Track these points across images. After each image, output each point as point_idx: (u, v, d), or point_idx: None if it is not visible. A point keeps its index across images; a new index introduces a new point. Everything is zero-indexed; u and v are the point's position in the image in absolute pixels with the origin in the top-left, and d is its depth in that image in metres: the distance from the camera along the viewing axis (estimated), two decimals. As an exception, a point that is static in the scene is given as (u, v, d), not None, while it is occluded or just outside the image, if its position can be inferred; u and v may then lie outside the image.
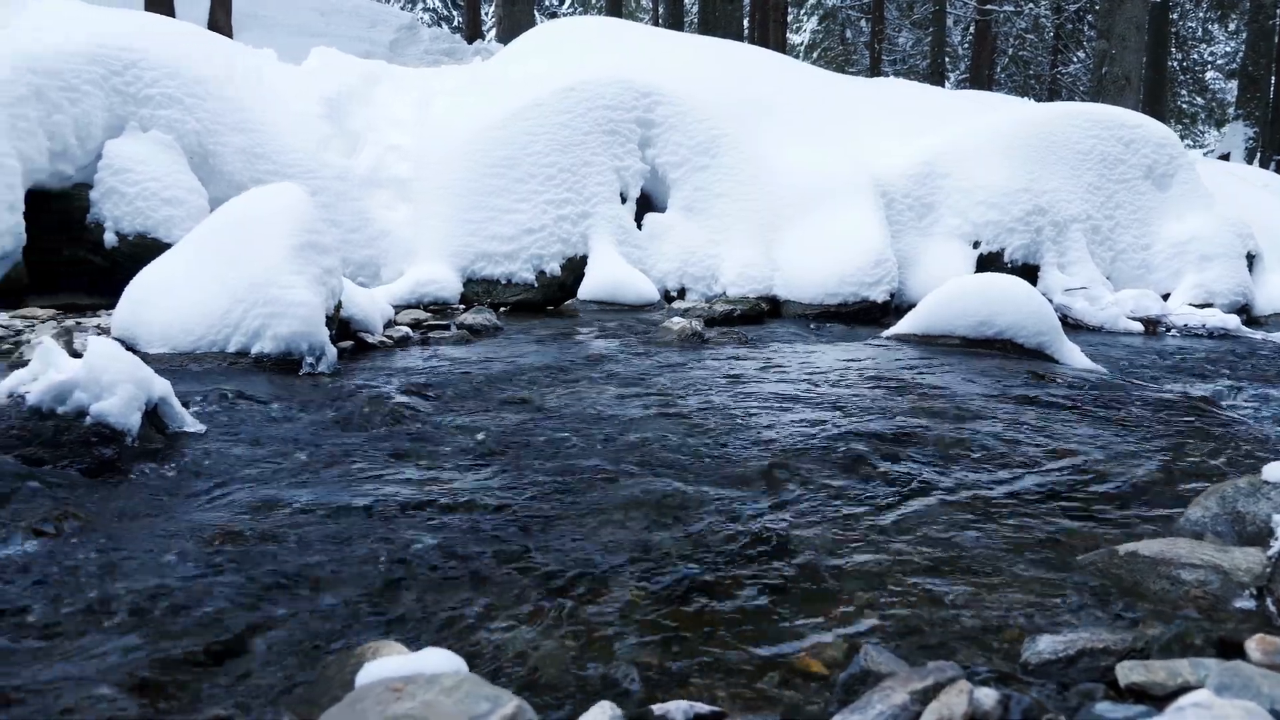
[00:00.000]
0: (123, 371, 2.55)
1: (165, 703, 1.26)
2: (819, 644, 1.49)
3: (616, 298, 6.48)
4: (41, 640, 1.46)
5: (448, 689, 0.96)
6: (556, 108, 7.07)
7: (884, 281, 6.43)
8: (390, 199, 7.36)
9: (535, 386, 3.55)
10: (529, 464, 2.47)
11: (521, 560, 1.79)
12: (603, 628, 1.51)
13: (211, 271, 3.89)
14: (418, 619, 1.53)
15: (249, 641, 1.45)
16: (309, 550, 1.83)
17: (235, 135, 6.92)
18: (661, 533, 1.96)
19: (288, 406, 3.09)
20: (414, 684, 0.97)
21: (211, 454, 2.51)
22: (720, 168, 7.21)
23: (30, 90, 6.01)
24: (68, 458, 2.38)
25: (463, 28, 28.08)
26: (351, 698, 0.98)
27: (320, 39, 15.21)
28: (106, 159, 6.29)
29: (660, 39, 9.17)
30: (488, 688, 0.98)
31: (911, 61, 27.44)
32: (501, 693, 0.97)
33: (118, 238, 6.19)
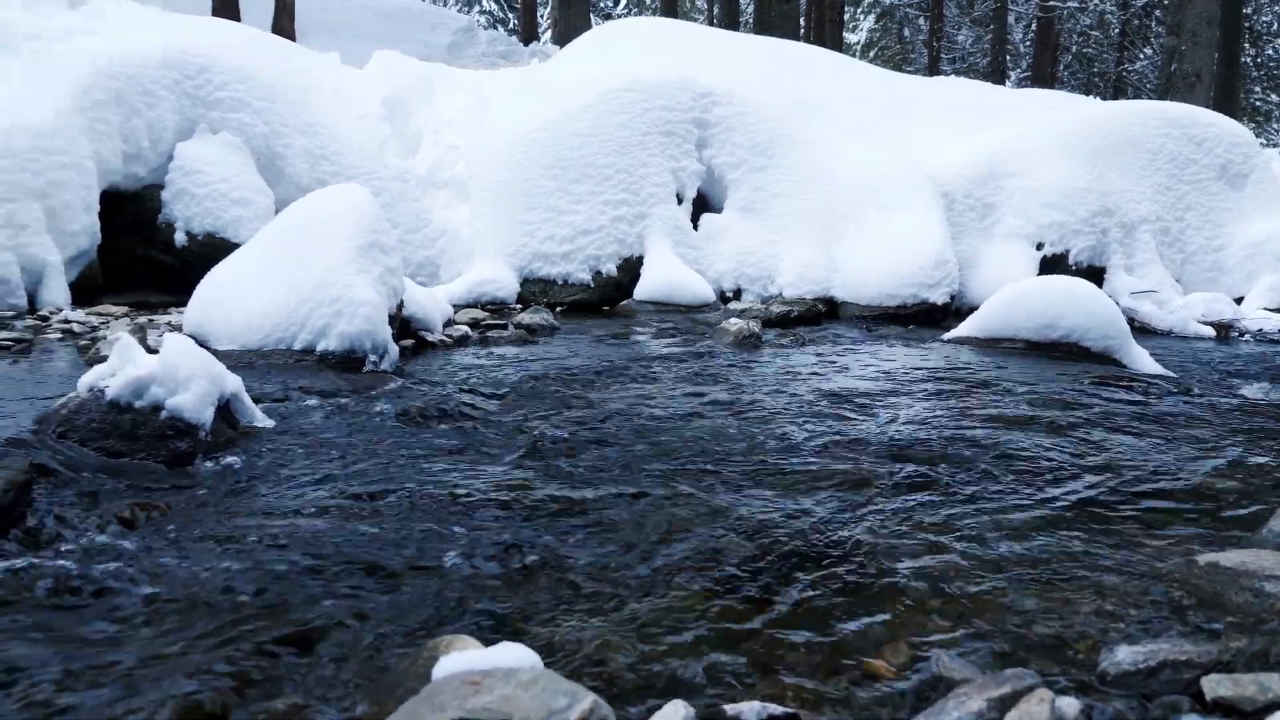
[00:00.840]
0: (197, 367, 2.62)
1: (247, 689, 1.29)
2: (887, 648, 1.47)
3: (672, 298, 6.48)
4: (126, 626, 1.51)
5: (525, 683, 0.97)
6: (613, 108, 7.10)
7: (944, 283, 6.33)
8: (449, 199, 7.46)
9: (594, 386, 3.57)
10: (591, 463, 2.49)
11: (587, 557, 1.80)
12: (669, 626, 1.51)
13: (278, 271, 3.98)
14: (487, 614, 1.55)
15: (324, 632, 1.48)
16: (379, 544, 1.86)
17: (300, 137, 7.08)
18: (724, 533, 1.96)
19: (353, 403, 3.14)
20: (491, 678, 0.99)
21: (281, 449, 2.56)
22: (778, 168, 7.17)
23: (110, 95, 6.21)
24: (144, 450, 2.45)
25: (518, 30, 28.35)
26: (430, 690, 0.99)
27: (381, 42, 15.47)
28: (178, 160, 6.48)
29: (717, 39, 9.16)
30: (564, 683, 0.99)
31: (971, 60, 26.98)
32: (578, 688, 0.98)
33: (188, 237, 6.37)
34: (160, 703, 1.20)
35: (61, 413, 2.53)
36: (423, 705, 0.94)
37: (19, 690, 1.31)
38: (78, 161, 5.95)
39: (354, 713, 1.23)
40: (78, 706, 1.26)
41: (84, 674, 1.35)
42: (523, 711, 0.91)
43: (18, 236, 5.58)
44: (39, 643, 1.45)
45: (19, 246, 5.58)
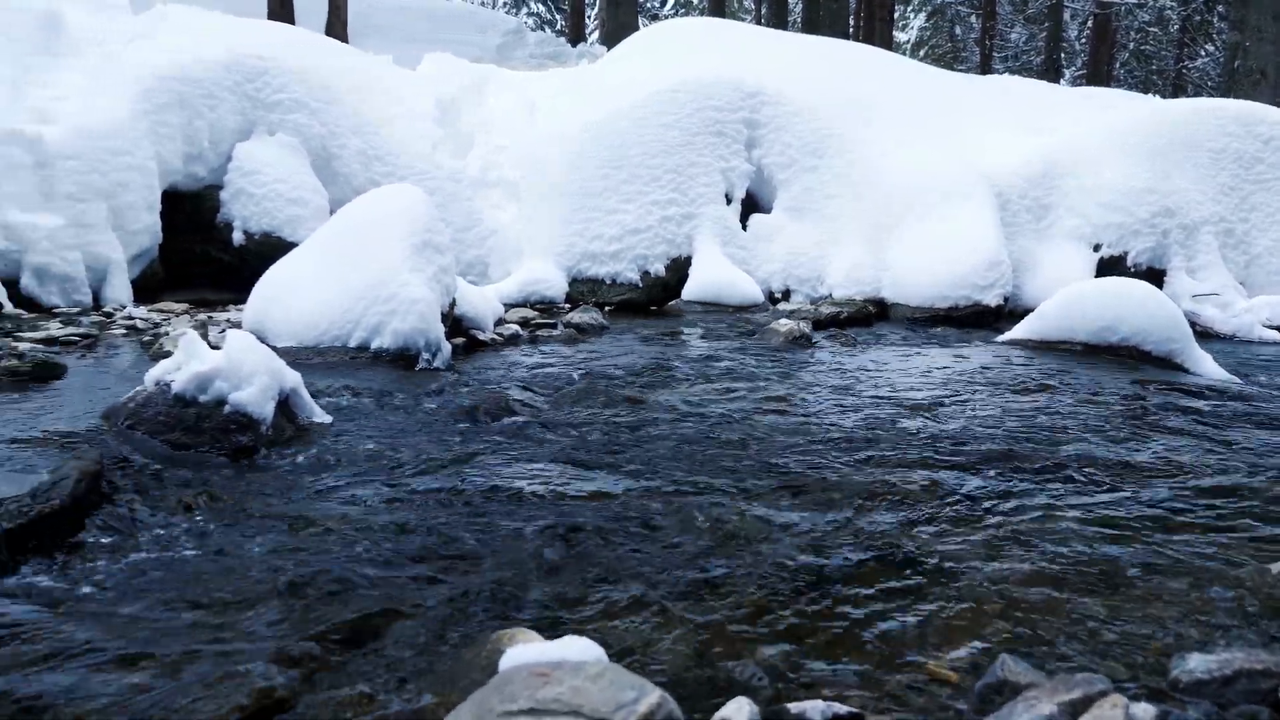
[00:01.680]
0: (258, 363, 2.68)
1: (314, 676, 1.32)
2: (948, 651, 1.46)
3: (721, 298, 6.47)
4: (196, 612, 1.55)
5: (592, 676, 0.98)
6: (663, 108, 7.10)
7: (998, 285, 6.23)
8: (499, 199, 7.52)
9: (645, 386, 3.57)
10: (644, 461, 2.49)
11: (643, 554, 1.81)
12: (727, 625, 1.51)
13: (335, 270, 4.05)
14: (545, 608, 1.56)
15: (386, 622, 1.51)
16: (438, 538, 1.88)
17: (354, 138, 7.18)
18: (778, 533, 1.95)
19: (407, 400, 3.18)
20: (559, 670, 0.99)
21: (339, 443, 2.61)
22: (828, 168, 7.12)
23: (172, 97, 6.37)
24: (208, 443, 2.51)
25: (566, 31, 28.49)
26: (498, 681, 1.01)
27: (431, 44, 15.64)
28: (236, 161, 6.62)
29: (766, 38, 9.12)
30: (631, 677, 0.99)
31: (1025, 58, 26.53)
32: (644, 683, 0.98)
33: (245, 236, 6.50)
34: (234, 687, 1.23)
35: (129, 406, 2.60)
36: (493, 696, 0.95)
37: (96, 673, 1.35)
38: (141, 162, 6.11)
39: (418, 703, 1.25)
40: (154, 689, 1.30)
41: (158, 658, 1.39)
42: (592, 704, 0.92)
43: (84, 235, 5.74)
44: (113, 628, 1.50)
45: (85, 245, 5.74)
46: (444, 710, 1.21)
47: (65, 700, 1.28)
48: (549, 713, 0.91)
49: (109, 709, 1.26)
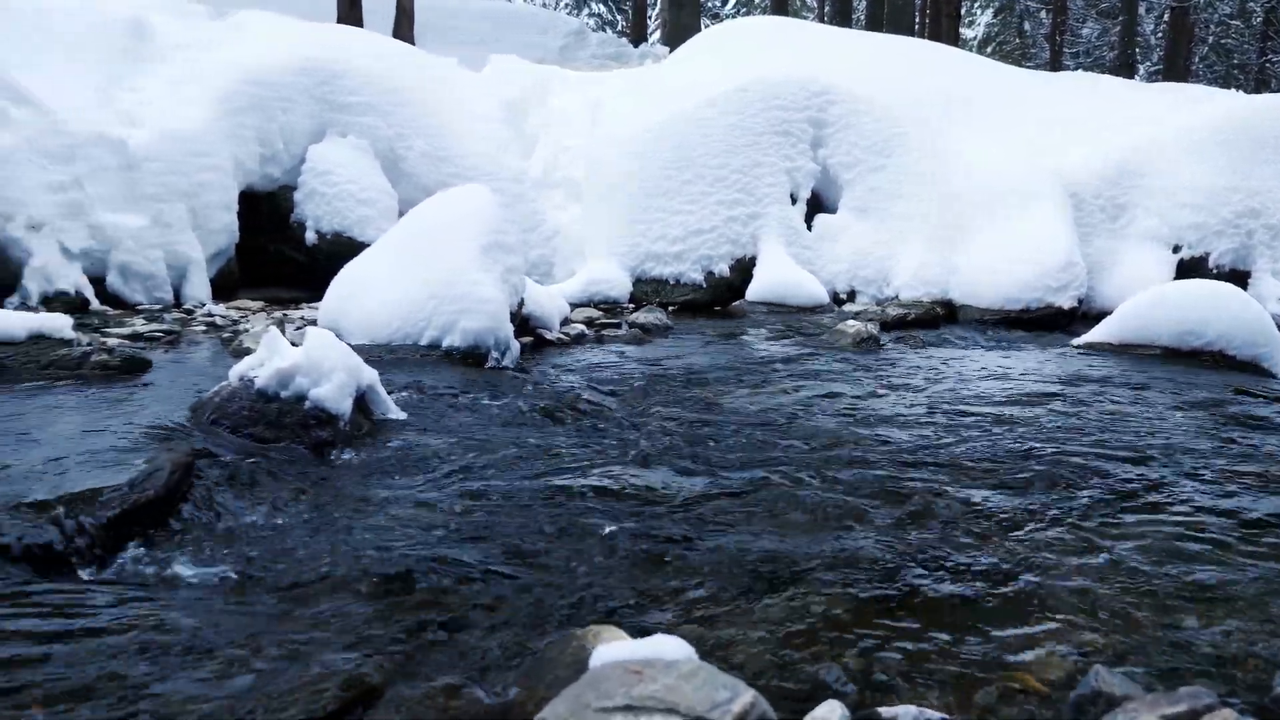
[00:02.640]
0: (337, 360, 2.74)
1: (402, 667, 1.34)
2: (1037, 660, 1.43)
3: (785, 299, 6.43)
4: (286, 601, 1.59)
5: (685, 675, 0.98)
6: (728, 108, 7.08)
7: (1071, 287, 6.08)
8: (562, 199, 7.58)
9: (713, 386, 3.57)
10: (716, 461, 2.49)
11: (720, 555, 1.81)
12: (808, 627, 1.50)
13: (407, 269, 4.12)
14: (626, 606, 1.57)
15: (469, 616, 1.53)
16: (516, 534, 1.91)
17: (421, 139, 7.30)
18: (858, 537, 1.93)
19: (479, 398, 3.23)
20: (652, 668, 1.00)
21: (415, 440, 2.65)
22: (895, 168, 7.02)
23: (249, 101, 6.55)
24: (289, 437, 2.57)
25: (628, 32, 28.56)
26: (591, 677, 1.02)
27: (495, 46, 15.82)
28: (310, 162, 6.78)
29: (832, 36, 9.03)
30: (724, 676, 0.99)
31: (1097, 53, 25.83)
32: (738, 682, 0.98)
33: (317, 236, 6.66)
34: (327, 675, 1.26)
35: (215, 400, 2.68)
36: (588, 691, 0.96)
37: (191, 659, 1.39)
38: (219, 164, 6.30)
39: (505, 696, 1.26)
40: (247, 674, 1.34)
41: (250, 645, 1.43)
42: (687, 702, 0.92)
43: (166, 235, 5.94)
44: (206, 614, 1.54)
45: (166, 244, 5.94)
46: (531, 704, 1.23)
47: (161, 684, 1.32)
48: (645, 710, 0.91)
49: (204, 694, 1.29)
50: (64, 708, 1.23)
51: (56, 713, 1.22)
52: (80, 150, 5.77)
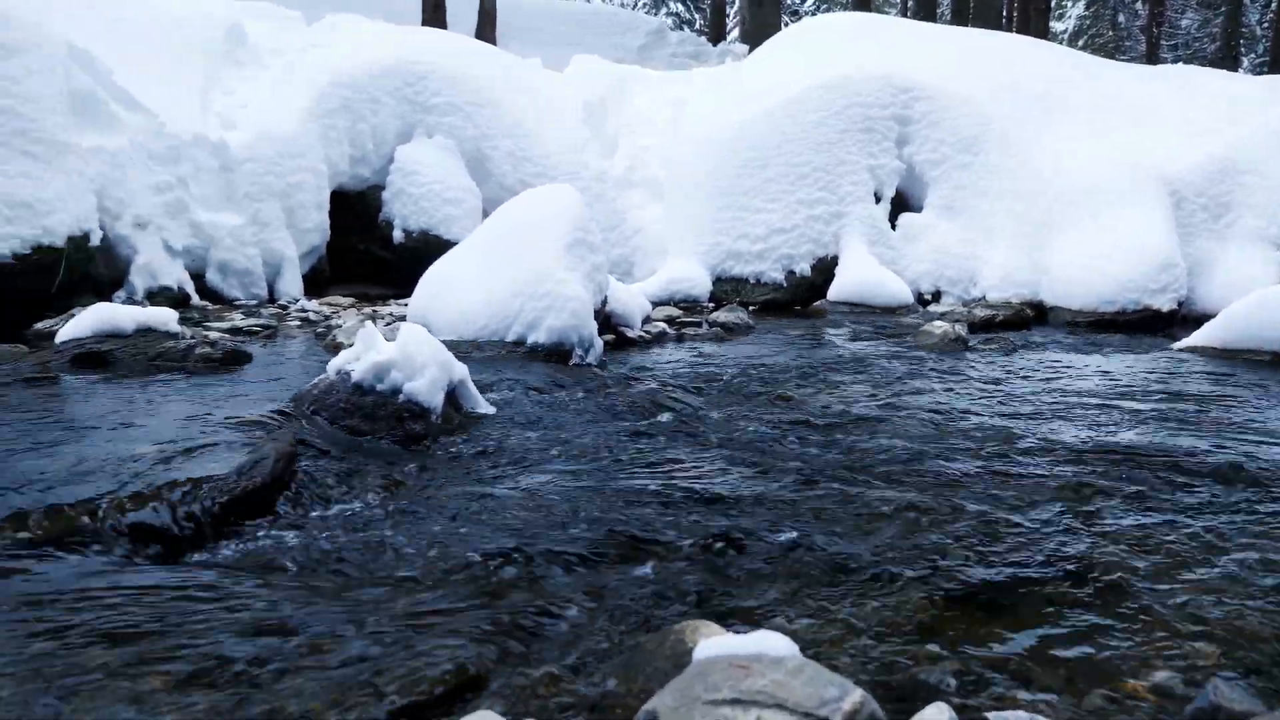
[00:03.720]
0: (430, 355, 2.80)
1: (500, 656, 1.37)
2: (1149, 670, 1.38)
3: (867, 299, 6.34)
4: (386, 589, 1.63)
5: (792, 671, 0.98)
6: (812, 106, 7.02)
7: (1170, 289, 5.85)
8: (643, 198, 7.61)
9: (797, 385, 3.54)
10: (804, 461, 2.47)
11: (814, 554, 1.79)
12: (907, 628, 1.48)
13: (494, 266, 4.19)
14: (720, 602, 1.57)
15: (564, 608, 1.55)
16: (607, 529, 1.92)
17: (505, 139, 7.42)
18: (954, 540, 1.89)
19: (564, 394, 3.26)
20: (758, 663, 1.00)
21: (504, 434, 2.70)
22: (983, 165, 6.86)
23: (340, 103, 6.75)
24: (383, 430, 2.64)
25: (706, 30, 28.52)
26: (696, 671, 1.02)
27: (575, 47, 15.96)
28: (397, 162, 6.95)
29: (917, 32, 8.86)
30: (831, 674, 0.99)
31: (1197, 45, 24.79)
32: (846, 681, 0.98)
33: (404, 234, 6.82)
34: (432, 662, 1.29)
35: (313, 392, 2.76)
36: (695, 684, 0.97)
37: (297, 642, 1.44)
38: (312, 165, 6.50)
39: (604, 687, 1.28)
40: (352, 659, 1.37)
41: (354, 631, 1.47)
42: (795, 698, 0.92)
43: (262, 233, 6.15)
44: (310, 599, 1.59)
45: (262, 242, 6.15)
46: (631, 696, 1.24)
47: (270, 666, 1.37)
48: (754, 704, 0.91)
49: (311, 676, 1.33)
50: (180, 685, 1.28)
51: (174, 689, 1.27)
52: (183, 152, 6.02)
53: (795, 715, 0.90)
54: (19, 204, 4.76)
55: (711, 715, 0.91)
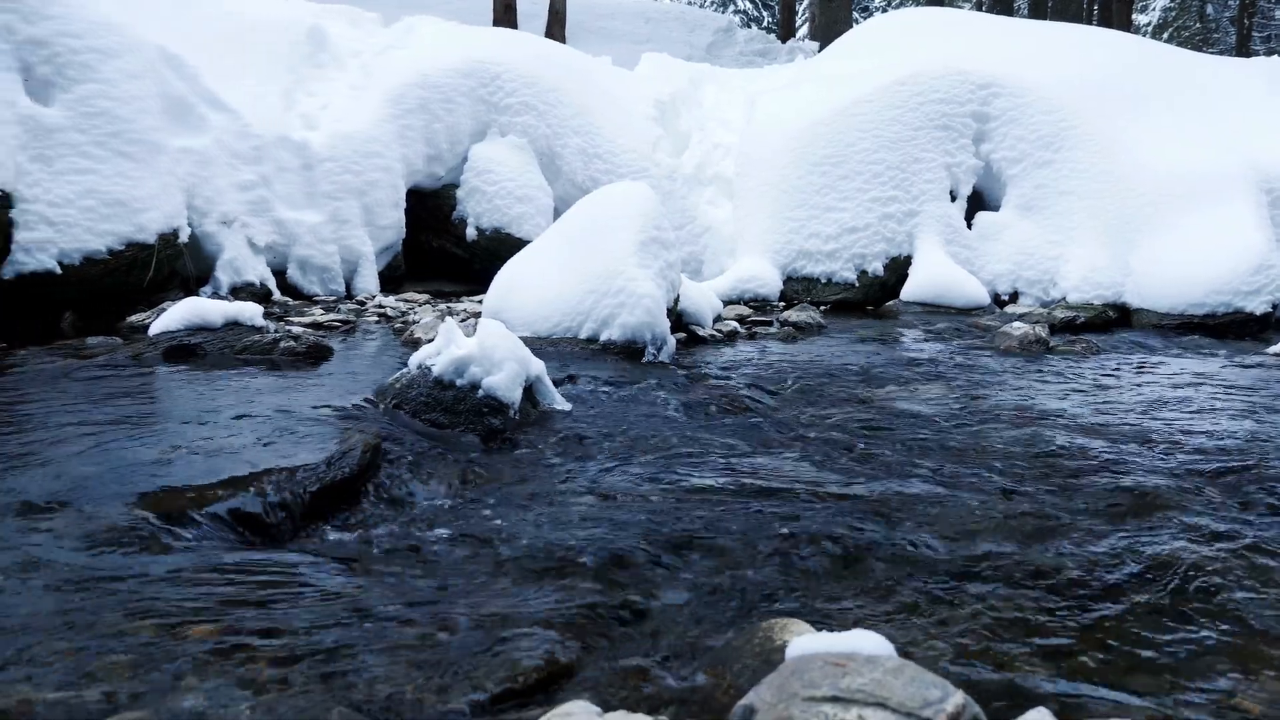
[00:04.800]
0: (509, 350, 2.84)
1: (590, 647, 1.38)
2: (1258, 683, 1.33)
3: (942, 300, 6.22)
4: (474, 579, 1.66)
5: (892, 671, 0.97)
6: (886, 103, 6.91)
7: (1264, 291, 5.62)
8: (714, 196, 7.59)
9: (871, 386, 3.49)
10: (882, 461, 2.44)
11: (899, 555, 1.77)
12: (1001, 631, 1.45)
13: (568, 263, 4.22)
14: (806, 601, 1.56)
15: (649, 602, 1.56)
16: (688, 525, 1.92)
17: (576, 138, 7.47)
18: (1042, 544, 1.85)
19: (639, 391, 3.27)
20: (854, 662, 0.99)
21: (581, 430, 2.72)
22: (1065, 163, 6.68)
23: (417, 103, 6.87)
24: (463, 424, 2.68)
25: (774, 28, 28.31)
26: (792, 668, 1.02)
27: (644, 45, 15.99)
28: (471, 161, 7.04)
29: (996, 26, 8.67)
30: (931, 675, 0.98)
31: (1291, 38, 23.75)
32: (946, 682, 0.96)
33: (477, 232, 6.91)
34: (524, 652, 1.31)
35: (395, 386, 2.82)
36: (793, 680, 0.96)
37: (386, 628, 1.47)
38: (389, 163, 6.63)
39: (693, 681, 1.28)
40: (442, 647, 1.40)
41: (443, 619, 1.50)
42: (897, 698, 0.91)
43: (340, 230, 6.30)
44: (397, 588, 1.63)
45: (341, 239, 6.30)
46: (720, 691, 1.24)
47: (363, 650, 1.40)
48: (855, 702, 0.91)
49: (403, 661, 1.36)
50: (280, 664, 1.32)
51: (275, 668, 1.31)
52: (266, 151, 6.19)
53: (897, 715, 0.89)
54: (114, 202, 4.95)
55: (811, 711, 0.90)
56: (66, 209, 4.76)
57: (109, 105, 5.08)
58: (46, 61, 4.98)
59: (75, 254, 4.73)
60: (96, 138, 5.00)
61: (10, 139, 4.64)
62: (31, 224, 4.63)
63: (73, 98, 5.00)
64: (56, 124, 4.87)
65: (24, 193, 4.64)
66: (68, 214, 4.76)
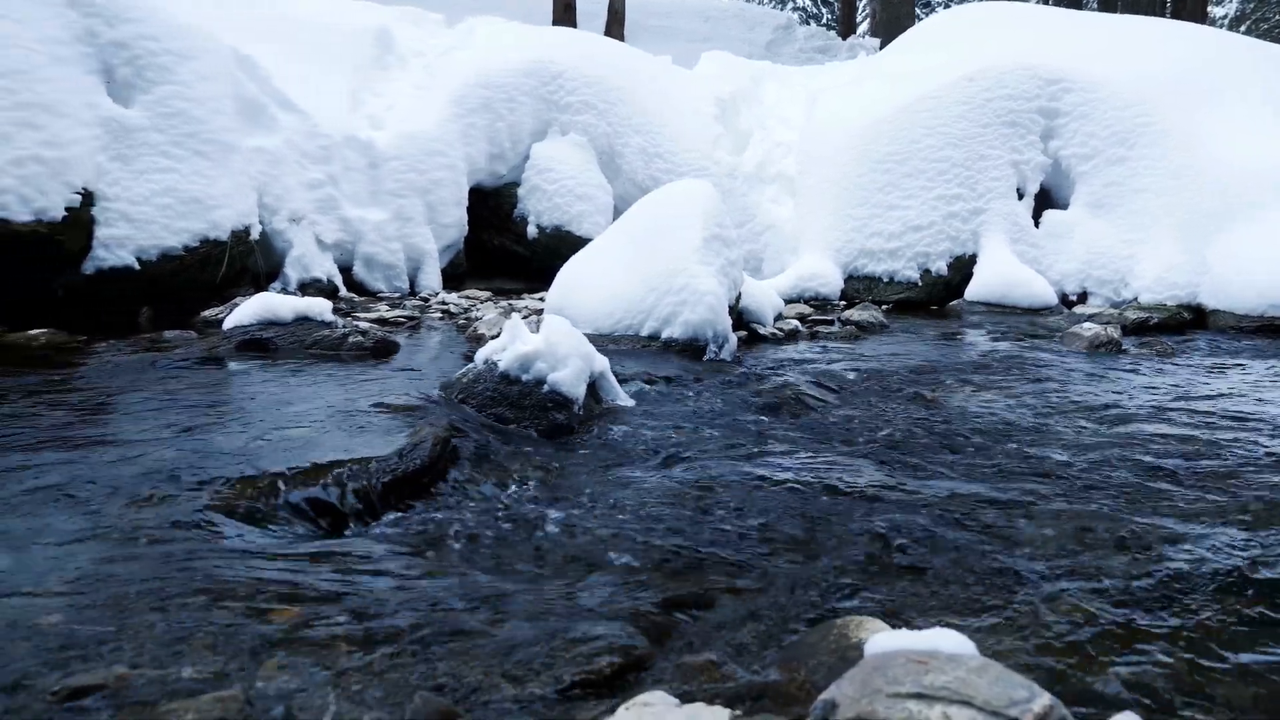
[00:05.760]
0: (573, 347, 2.86)
1: (662, 641, 1.39)
2: (1352, 697, 1.28)
3: (1007, 299, 6.11)
4: (541, 571, 1.68)
5: (976, 670, 0.95)
6: (952, 99, 6.80)
7: (1351, 291, 5.41)
8: (774, 194, 7.55)
9: (940, 386, 3.44)
10: (950, 463, 2.40)
11: (969, 556, 1.74)
12: (1078, 635, 1.42)
13: (630, 261, 4.24)
14: (878, 599, 1.55)
15: (718, 597, 1.56)
16: (755, 522, 1.92)
17: (636, 136, 7.49)
18: (1119, 550, 1.81)
19: (702, 389, 3.27)
20: (936, 660, 0.98)
21: (645, 426, 2.73)
22: (1138, 159, 6.50)
23: (480, 102, 6.96)
24: (528, 419, 2.71)
25: (834, 24, 28.04)
26: (874, 664, 1.01)
27: (703, 43, 15.96)
28: (532, 160, 7.11)
29: (1066, 20, 8.47)
30: (1016, 675, 0.96)
31: (1378, 30, 22.77)
32: (1031, 683, 0.95)
33: (538, 230, 6.97)
34: (597, 643, 1.32)
35: (462, 381, 2.86)
36: (875, 677, 0.96)
37: (457, 618, 1.49)
38: (453, 162, 6.73)
39: (765, 676, 1.28)
40: (521, 634, 1.42)
41: (517, 608, 1.52)
42: (983, 696, 0.90)
43: (404, 228, 6.41)
44: (468, 578, 1.65)
45: (405, 237, 6.41)
46: (795, 686, 1.23)
47: (440, 638, 1.42)
48: (939, 699, 0.90)
49: (481, 649, 1.38)
50: (360, 649, 1.35)
51: (354, 653, 1.34)
52: (334, 151, 6.32)
53: (983, 713, 0.88)
54: (190, 200, 5.10)
55: (896, 708, 0.89)
56: (144, 206, 4.93)
57: (185, 106, 5.24)
58: (127, 64, 5.15)
59: (153, 250, 4.89)
60: (174, 137, 5.16)
61: (91, 139, 4.81)
62: (112, 221, 4.79)
63: (151, 99, 5.16)
64: (136, 124, 5.04)
65: (105, 191, 4.81)
66: (146, 211, 4.92)
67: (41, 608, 1.37)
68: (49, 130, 4.53)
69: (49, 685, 1.15)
